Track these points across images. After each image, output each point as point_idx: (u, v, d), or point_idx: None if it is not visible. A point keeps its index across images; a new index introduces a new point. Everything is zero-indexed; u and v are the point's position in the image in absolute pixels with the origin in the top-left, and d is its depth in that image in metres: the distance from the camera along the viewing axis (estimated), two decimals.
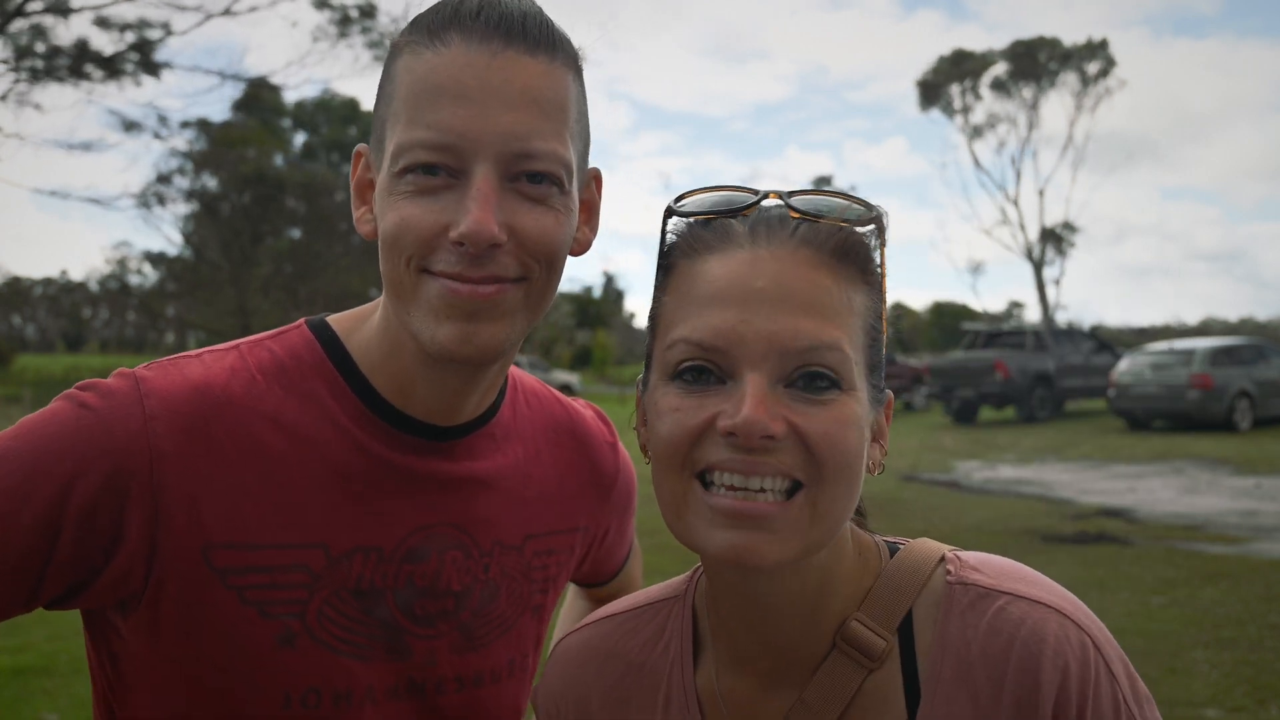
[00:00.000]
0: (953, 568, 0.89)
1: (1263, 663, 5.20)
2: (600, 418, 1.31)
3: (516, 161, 0.94)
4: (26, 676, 5.15)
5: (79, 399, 0.94)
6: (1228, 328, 60.99)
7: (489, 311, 0.95)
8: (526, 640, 1.17)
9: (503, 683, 1.14)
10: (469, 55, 0.93)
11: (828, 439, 0.80)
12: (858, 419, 0.82)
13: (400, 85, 0.96)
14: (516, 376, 1.22)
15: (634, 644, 1.01)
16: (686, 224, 0.90)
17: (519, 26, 0.95)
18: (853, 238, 0.86)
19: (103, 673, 1.04)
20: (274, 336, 1.07)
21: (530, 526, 1.15)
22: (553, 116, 0.96)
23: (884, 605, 0.88)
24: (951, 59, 48.34)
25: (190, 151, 36.97)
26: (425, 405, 1.04)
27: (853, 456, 0.82)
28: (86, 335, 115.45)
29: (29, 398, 21.22)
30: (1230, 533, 8.90)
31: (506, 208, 0.94)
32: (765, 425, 0.78)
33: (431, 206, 0.93)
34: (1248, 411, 17.92)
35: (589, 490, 1.24)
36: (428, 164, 0.93)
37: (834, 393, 0.81)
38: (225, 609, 0.96)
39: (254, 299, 38.80)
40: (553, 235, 0.97)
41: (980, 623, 0.84)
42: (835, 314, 0.82)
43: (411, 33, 0.98)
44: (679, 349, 0.83)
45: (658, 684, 0.97)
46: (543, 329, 55.61)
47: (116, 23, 21.73)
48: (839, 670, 0.87)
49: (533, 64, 0.95)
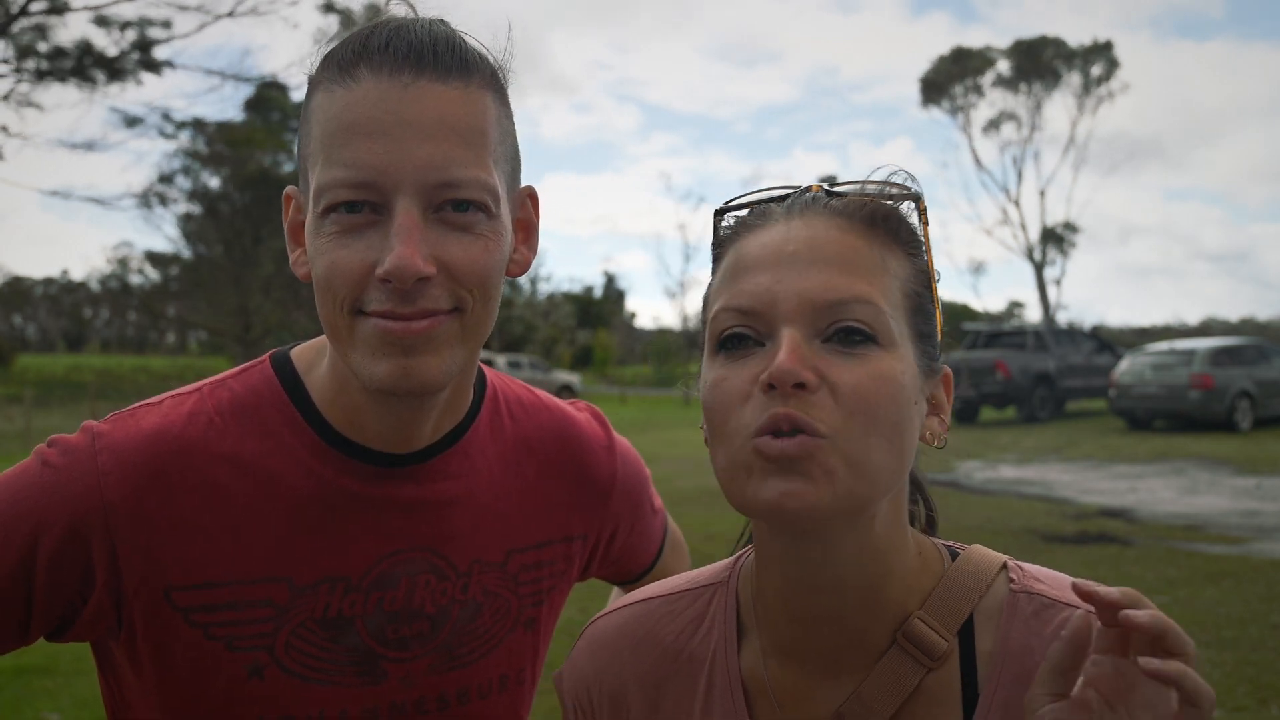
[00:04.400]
0: (1015, 576, 0.89)
1: (1264, 662, 5.19)
2: (596, 420, 1.30)
3: (438, 192, 0.93)
4: (28, 676, 5.16)
5: (44, 456, 1.00)
6: (1229, 328, 60.91)
7: (425, 345, 0.94)
8: (520, 654, 1.17)
9: (493, 698, 1.14)
10: (380, 89, 0.92)
11: (858, 390, 0.80)
12: (894, 375, 0.82)
13: (315, 125, 0.95)
14: (501, 388, 1.21)
15: (672, 629, 0.99)
16: (734, 217, 0.94)
17: (429, 54, 0.94)
18: (883, 207, 0.88)
19: (109, 692, 1.10)
20: (237, 375, 1.09)
21: (513, 541, 1.15)
22: (473, 143, 0.95)
23: (947, 606, 0.88)
24: (952, 57, 48.33)
25: (194, 151, 37.07)
26: (379, 436, 1.05)
27: (886, 409, 0.81)
28: (88, 335, 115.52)
29: (30, 398, 21.24)
30: (1231, 533, 8.90)
31: (432, 239, 0.93)
32: (796, 373, 0.79)
33: (356, 246, 0.93)
34: (1248, 411, 17.91)
35: (582, 497, 1.23)
36: (349, 202, 0.93)
37: (869, 346, 0.82)
38: (192, 645, 1.00)
39: (255, 299, 38.83)
40: (482, 263, 0.96)
41: (1045, 632, 0.84)
42: (867, 271, 0.84)
43: (323, 70, 0.97)
44: (720, 319, 0.86)
45: (698, 670, 0.96)
46: (543, 329, 55.64)
47: (116, 21, 21.76)
48: (898, 667, 0.87)
49: (446, 91, 0.94)
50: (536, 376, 33.67)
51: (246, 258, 38.66)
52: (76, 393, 31.57)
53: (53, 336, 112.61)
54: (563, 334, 57.55)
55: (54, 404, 26.74)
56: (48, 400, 27.22)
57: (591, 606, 5.62)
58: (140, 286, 51.36)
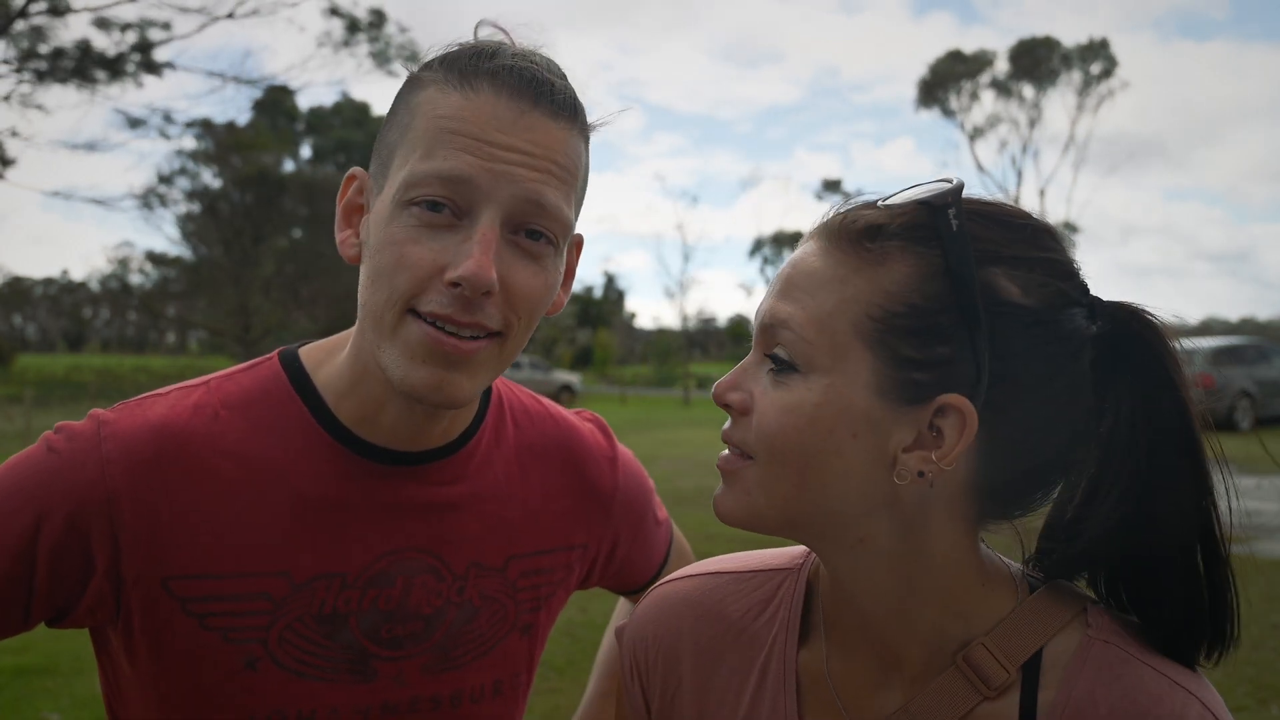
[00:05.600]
0: (1094, 620, 0.85)
1: (1264, 662, 5.19)
2: (600, 430, 1.30)
3: (524, 212, 0.95)
4: (28, 676, 5.16)
5: (50, 442, 1.01)
6: (1229, 328, 60.86)
7: (465, 364, 0.96)
8: (515, 659, 1.17)
9: (485, 702, 1.14)
10: (498, 106, 0.95)
11: (761, 423, 0.84)
12: (805, 406, 0.81)
13: (421, 118, 0.97)
14: (507, 396, 1.22)
15: (738, 607, 0.99)
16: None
17: (548, 90, 0.97)
18: (854, 222, 0.83)
19: (106, 682, 1.10)
20: (245, 369, 1.10)
21: (514, 547, 1.15)
22: (565, 180, 0.98)
23: (1013, 638, 0.85)
24: (948, 59, 48.33)
25: (196, 152, 37.05)
26: (390, 433, 1.05)
27: (783, 440, 0.82)
28: (88, 335, 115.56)
29: (30, 397, 21.23)
30: (1231, 532, 8.88)
31: (504, 258, 0.95)
32: (722, 396, 0.88)
33: (431, 245, 0.94)
34: (1248, 411, 17.91)
35: (584, 507, 1.23)
36: (436, 200, 0.94)
37: (787, 374, 0.83)
38: (187, 635, 1.00)
39: (255, 299, 38.81)
40: (540, 294, 0.99)
41: (1115, 686, 0.81)
42: (810, 292, 0.83)
43: (440, 69, 0.98)
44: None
45: (756, 652, 0.96)
46: (544, 329, 55.61)
47: (117, 23, 21.75)
48: (952, 689, 0.84)
49: (555, 128, 0.97)
50: (536, 376, 33.65)
51: (246, 258, 38.63)
52: (76, 393, 31.57)
53: (53, 336, 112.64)
54: (563, 334, 57.56)
55: (54, 404, 26.72)
56: (48, 400, 27.22)
57: (592, 607, 5.62)
58: (140, 286, 51.38)
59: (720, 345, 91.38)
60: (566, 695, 4.34)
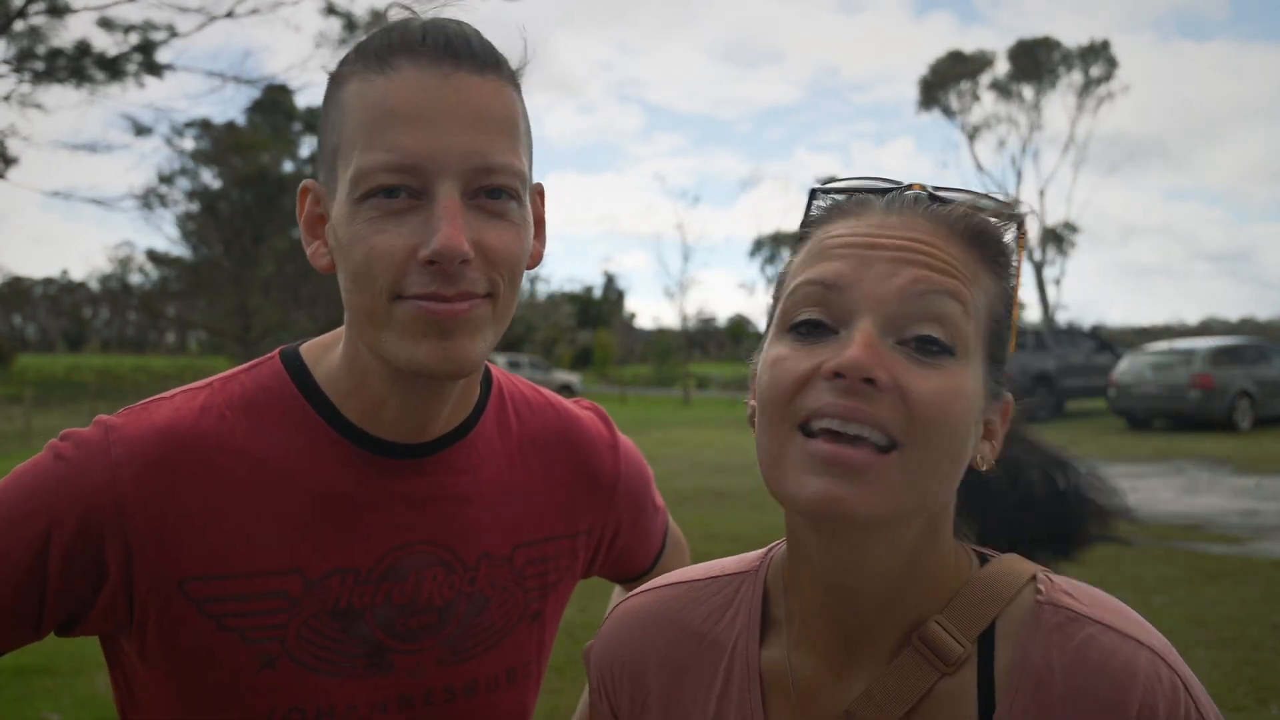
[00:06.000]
0: (1044, 587, 0.86)
1: (1264, 662, 5.19)
2: (600, 419, 1.31)
3: (478, 177, 0.95)
4: (28, 676, 5.15)
5: (57, 449, 1.01)
6: (1228, 327, 60.97)
7: (463, 327, 0.96)
8: (526, 648, 1.18)
9: (500, 690, 1.15)
10: (421, 78, 0.94)
11: (931, 401, 0.78)
12: (966, 391, 0.81)
13: (352, 113, 0.97)
14: (506, 386, 1.22)
15: (698, 614, 0.99)
16: (830, 199, 0.92)
17: (466, 48, 0.97)
18: (983, 222, 0.86)
19: (118, 687, 1.11)
20: (248, 369, 1.10)
21: (520, 536, 1.16)
22: (507, 132, 0.98)
23: (968, 612, 0.86)
24: (949, 59, 48.34)
25: (196, 151, 37.06)
26: (393, 426, 1.06)
27: (955, 425, 0.80)
28: (87, 335, 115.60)
29: (30, 397, 21.23)
30: (1231, 532, 8.89)
31: (472, 225, 0.95)
32: (869, 367, 0.76)
33: (398, 231, 0.94)
34: (1248, 411, 17.91)
35: (587, 494, 1.24)
36: (389, 186, 0.94)
37: (946, 359, 0.80)
38: (205, 636, 1.01)
39: (255, 299, 38.83)
40: (515, 249, 0.99)
41: (1067, 647, 0.82)
42: (958, 273, 0.82)
43: (356, 60, 0.98)
44: (801, 291, 0.83)
45: (719, 656, 0.96)
46: (543, 329, 55.64)
47: (120, 24, 21.74)
48: (911, 669, 0.85)
49: (483, 84, 0.97)
50: (536, 376, 33.67)
51: (246, 258, 38.65)
52: (76, 393, 31.56)
53: (53, 336, 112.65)
54: (563, 334, 57.56)
55: (54, 404, 26.72)
56: (48, 400, 27.21)
57: (591, 606, 5.62)
58: (140, 286, 51.41)
59: (720, 345, 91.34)
60: (566, 695, 4.32)
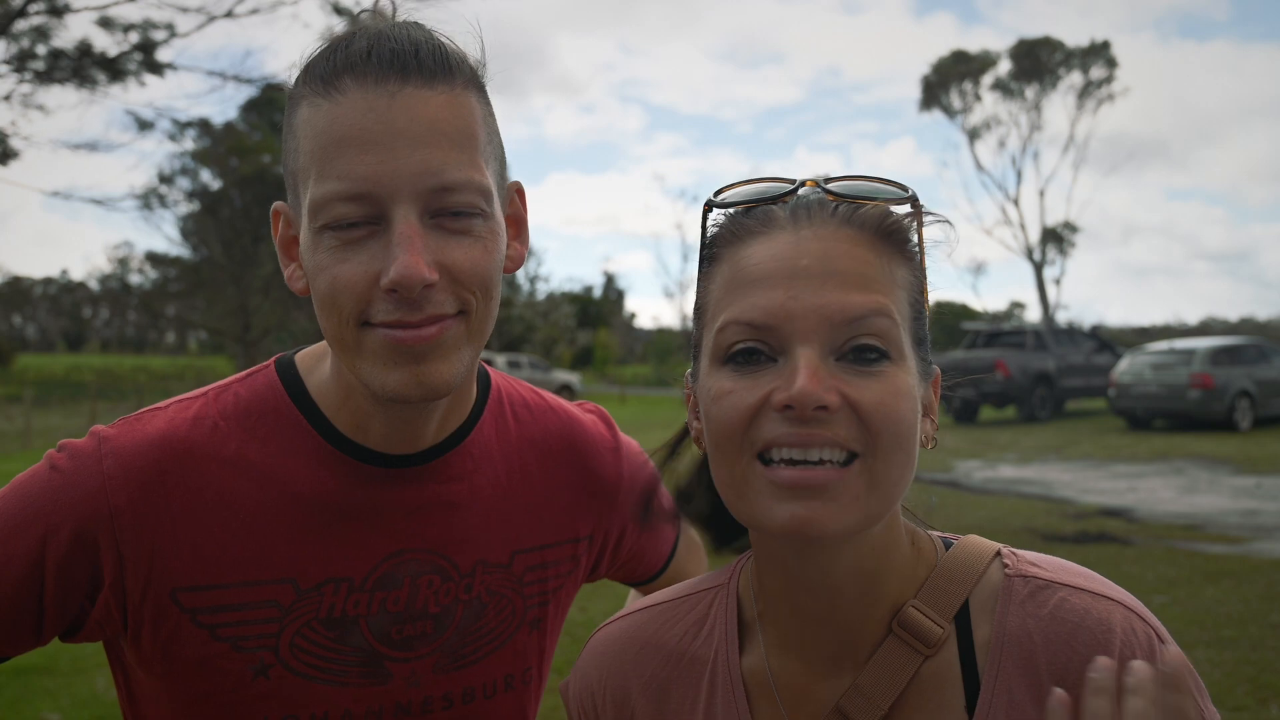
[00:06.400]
0: (1010, 562, 0.90)
1: (1264, 662, 5.19)
2: (603, 421, 1.30)
3: (435, 197, 0.93)
4: (28, 676, 5.16)
5: (52, 461, 1.02)
6: (1228, 327, 60.93)
7: (435, 351, 0.95)
8: (526, 654, 1.18)
9: (498, 698, 1.15)
10: (367, 100, 0.92)
11: (881, 409, 0.81)
12: (909, 389, 0.84)
13: (304, 140, 0.95)
14: (505, 391, 1.21)
15: (673, 633, 1.00)
16: (728, 214, 0.92)
17: (413, 60, 0.93)
18: (892, 217, 0.88)
19: (120, 691, 1.12)
20: (242, 379, 1.10)
21: (518, 542, 1.15)
22: (464, 146, 0.95)
23: (941, 594, 0.89)
24: (951, 59, 48.31)
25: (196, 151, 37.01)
26: (384, 439, 1.05)
27: (906, 426, 0.83)
28: (87, 335, 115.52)
29: (29, 397, 21.22)
30: (1231, 532, 8.89)
31: (433, 246, 0.93)
32: (819, 396, 0.79)
33: (358, 259, 0.93)
34: (1248, 411, 17.90)
35: (589, 499, 1.23)
36: (345, 219, 0.92)
37: (884, 364, 0.82)
38: (198, 645, 1.01)
39: (255, 299, 38.83)
40: (484, 265, 0.96)
41: (1042, 613, 0.85)
42: (880, 286, 0.84)
43: (305, 83, 0.96)
44: (730, 331, 0.84)
45: (701, 671, 0.97)
46: (543, 329, 55.62)
47: (120, 24, 21.70)
48: (895, 656, 0.87)
49: (433, 96, 0.94)
50: (536, 376, 33.63)
51: (246, 258, 38.64)
52: (76, 392, 31.56)
53: (53, 336, 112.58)
54: (563, 334, 57.50)
55: (54, 404, 26.72)
56: (47, 400, 27.21)
57: (591, 607, 5.62)
58: (140, 286, 51.37)
59: None
60: None
